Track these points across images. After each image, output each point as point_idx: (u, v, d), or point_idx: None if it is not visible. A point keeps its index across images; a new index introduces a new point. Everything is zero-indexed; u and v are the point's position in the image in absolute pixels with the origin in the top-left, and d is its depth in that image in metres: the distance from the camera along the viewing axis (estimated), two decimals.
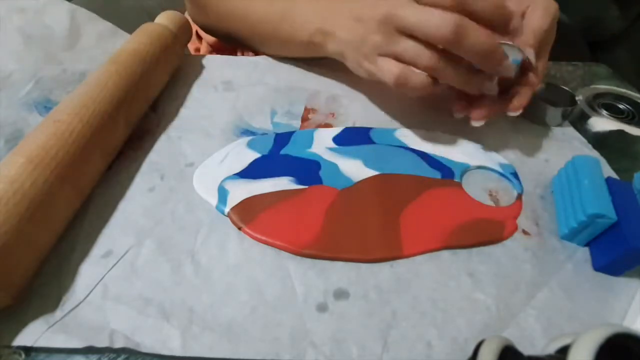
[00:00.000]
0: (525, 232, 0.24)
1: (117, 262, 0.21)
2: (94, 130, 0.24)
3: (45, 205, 0.20)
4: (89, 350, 0.18)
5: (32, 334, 0.18)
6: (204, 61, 0.39)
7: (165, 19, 0.35)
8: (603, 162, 0.29)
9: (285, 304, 0.20)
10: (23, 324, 0.19)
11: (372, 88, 0.35)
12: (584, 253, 0.23)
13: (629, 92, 0.36)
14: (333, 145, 0.29)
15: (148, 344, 0.18)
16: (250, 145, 0.29)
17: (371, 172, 0.27)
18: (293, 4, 0.34)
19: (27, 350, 0.18)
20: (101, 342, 0.18)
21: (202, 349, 0.18)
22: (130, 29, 0.35)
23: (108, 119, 0.25)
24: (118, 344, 0.18)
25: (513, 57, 0.26)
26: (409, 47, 0.25)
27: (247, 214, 0.24)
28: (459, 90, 0.28)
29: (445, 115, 0.33)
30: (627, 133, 0.31)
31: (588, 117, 0.32)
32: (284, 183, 0.26)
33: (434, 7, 0.23)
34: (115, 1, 0.63)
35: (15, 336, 0.18)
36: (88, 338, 0.18)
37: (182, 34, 0.36)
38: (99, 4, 0.57)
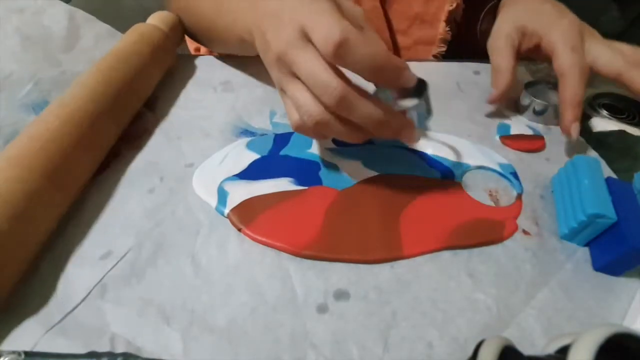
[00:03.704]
0: (525, 232, 0.24)
1: (117, 263, 0.21)
2: (74, 126, 0.24)
3: (25, 202, 0.20)
4: (89, 355, 0.18)
5: (31, 338, 0.18)
6: (203, 61, 0.39)
7: (155, 19, 0.36)
8: (603, 162, 0.29)
9: (286, 305, 0.20)
10: (21, 327, 0.18)
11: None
12: (584, 253, 0.23)
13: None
14: (333, 145, 0.29)
15: (148, 347, 0.18)
16: (249, 146, 0.29)
17: (371, 173, 0.27)
18: None
19: (27, 350, 0.18)
20: (100, 345, 0.18)
21: (203, 351, 0.18)
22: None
23: (90, 115, 0.25)
24: (117, 347, 0.18)
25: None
26: (297, 92, 0.22)
27: (246, 215, 0.24)
28: None
29: (444, 115, 0.33)
30: (627, 133, 0.31)
31: (588, 117, 0.32)
32: (284, 184, 0.26)
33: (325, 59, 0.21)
34: (115, 1, 0.63)
35: (13, 339, 0.18)
36: (87, 341, 0.18)
37: (173, 32, 0.36)
38: (98, 4, 0.57)
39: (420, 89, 0.23)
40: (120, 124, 0.29)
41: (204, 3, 0.35)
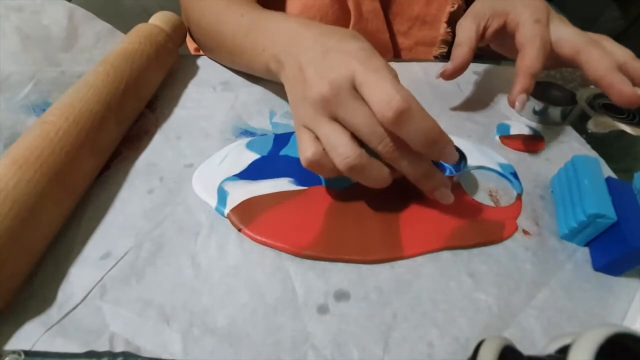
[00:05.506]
0: (525, 232, 0.24)
1: (116, 263, 0.21)
2: (81, 128, 0.24)
3: (32, 203, 0.20)
4: (89, 354, 0.18)
5: (30, 337, 0.18)
6: (203, 61, 0.39)
7: (158, 19, 0.35)
8: (603, 162, 0.29)
9: (286, 305, 0.20)
10: (20, 327, 0.18)
11: None
12: (584, 253, 0.23)
13: None
14: None
15: (148, 347, 0.18)
16: (249, 146, 0.29)
17: None
18: (261, 18, 0.30)
19: (27, 350, 0.18)
20: (100, 345, 0.18)
21: (203, 352, 0.18)
22: (130, 29, 0.35)
23: (96, 117, 0.25)
24: (117, 348, 0.18)
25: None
26: (334, 135, 0.21)
27: (246, 216, 0.24)
28: None
29: (444, 115, 0.33)
30: (627, 133, 0.31)
31: (588, 117, 0.32)
32: (284, 184, 0.26)
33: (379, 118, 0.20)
34: (115, 1, 0.63)
35: (12, 339, 0.18)
36: (86, 340, 0.18)
37: (176, 33, 0.36)
38: (98, 3, 0.57)
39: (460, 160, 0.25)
40: (125, 125, 0.29)
41: (231, 19, 0.32)
